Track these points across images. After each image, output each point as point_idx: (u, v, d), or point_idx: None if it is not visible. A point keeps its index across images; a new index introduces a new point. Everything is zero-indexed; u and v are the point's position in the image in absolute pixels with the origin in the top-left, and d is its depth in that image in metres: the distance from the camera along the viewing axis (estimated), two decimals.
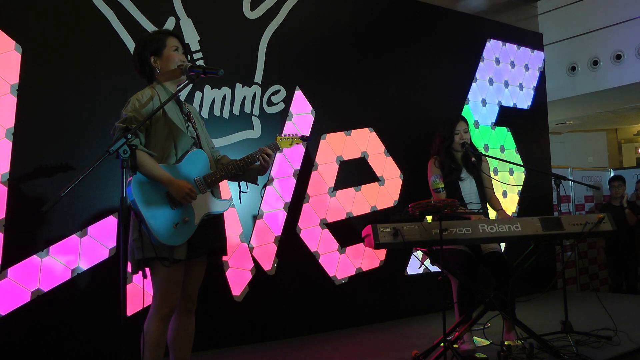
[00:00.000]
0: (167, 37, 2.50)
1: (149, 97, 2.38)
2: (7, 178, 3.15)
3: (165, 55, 2.47)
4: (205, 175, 2.44)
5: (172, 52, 2.48)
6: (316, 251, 4.31)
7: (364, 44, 4.77)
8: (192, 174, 2.41)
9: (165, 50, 2.47)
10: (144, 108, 2.34)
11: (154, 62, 2.48)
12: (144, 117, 2.27)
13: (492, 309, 3.19)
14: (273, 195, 4.14)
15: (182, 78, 2.50)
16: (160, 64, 2.48)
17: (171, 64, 2.47)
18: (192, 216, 2.36)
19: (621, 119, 9.45)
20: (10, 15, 3.23)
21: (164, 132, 2.38)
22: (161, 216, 2.28)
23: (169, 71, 2.48)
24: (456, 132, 3.59)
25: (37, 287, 3.18)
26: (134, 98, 2.38)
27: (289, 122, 4.25)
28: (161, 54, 2.47)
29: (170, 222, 2.29)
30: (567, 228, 3.19)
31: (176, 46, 2.50)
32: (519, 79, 5.99)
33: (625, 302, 5.03)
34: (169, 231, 2.28)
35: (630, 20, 6.45)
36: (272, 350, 3.73)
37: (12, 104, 3.20)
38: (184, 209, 2.35)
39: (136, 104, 2.34)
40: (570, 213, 6.80)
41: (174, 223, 2.30)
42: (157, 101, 2.38)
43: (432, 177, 3.45)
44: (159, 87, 2.47)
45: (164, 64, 2.48)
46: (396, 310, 4.68)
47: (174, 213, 2.32)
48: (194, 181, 2.40)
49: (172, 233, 2.29)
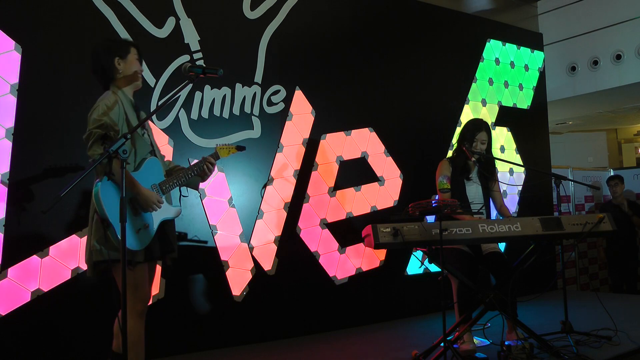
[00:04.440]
0: (132, 46, 2.65)
1: (115, 102, 2.48)
2: (7, 178, 3.15)
3: (129, 59, 2.60)
4: (161, 182, 2.58)
5: (134, 59, 2.62)
6: (316, 251, 4.31)
7: (364, 44, 4.77)
8: (150, 181, 2.52)
9: (130, 55, 2.60)
10: (111, 112, 2.42)
11: (118, 63, 2.57)
12: (113, 120, 2.40)
13: (492, 309, 3.19)
14: (273, 195, 4.14)
15: (139, 84, 2.65)
16: (123, 67, 2.58)
17: (133, 67, 2.60)
18: (152, 222, 2.49)
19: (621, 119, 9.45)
20: (10, 15, 3.23)
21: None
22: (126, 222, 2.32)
23: (129, 75, 2.59)
24: (475, 140, 3.59)
25: (37, 287, 3.18)
26: (102, 103, 2.45)
27: (289, 122, 4.25)
28: (126, 58, 2.59)
29: (133, 228, 2.41)
30: (567, 228, 3.19)
31: (137, 55, 2.64)
32: (518, 79, 6.00)
33: (625, 302, 5.03)
34: (133, 237, 2.39)
35: (630, 20, 6.44)
36: (272, 350, 3.73)
37: (12, 104, 3.20)
38: (145, 216, 2.47)
39: (105, 109, 2.42)
40: (570, 213, 6.80)
41: (136, 229, 2.42)
42: (120, 106, 2.49)
43: (440, 178, 3.46)
44: (119, 92, 2.57)
45: (126, 68, 2.58)
46: (396, 310, 4.68)
47: (136, 219, 2.44)
48: (152, 187, 2.53)
49: (135, 238, 2.40)
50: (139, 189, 2.42)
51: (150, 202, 2.44)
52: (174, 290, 3.65)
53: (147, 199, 2.43)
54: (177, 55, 3.78)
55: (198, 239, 3.79)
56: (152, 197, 2.45)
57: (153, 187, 2.53)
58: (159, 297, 3.57)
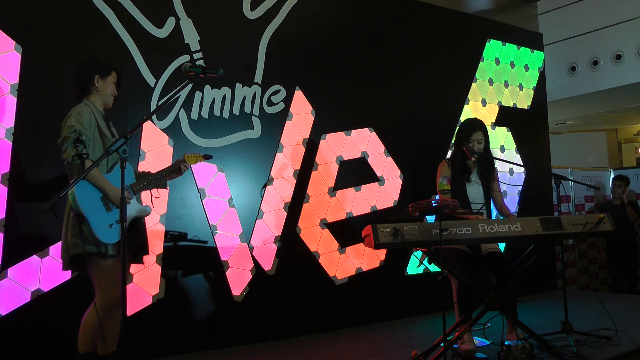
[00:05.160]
0: (114, 70, 2.88)
1: (87, 111, 2.70)
2: (7, 178, 3.15)
3: (108, 81, 2.84)
4: (132, 183, 2.77)
5: (112, 82, 2.86)
6: (316, 251, 4.31)
7: (364, 44, 4.77)
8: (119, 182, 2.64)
9: (109, 77, 2.84)
10: (84, 119, 2.65)
11: (97, 81, 2.80)
12: (87, 128, 2.64)
13: (492, 309, 3.19)
14: (273, 195, 4.14)
15: (109, 104, 2.87)
16: (100, 85, 2.81)
17: (108, 90, 2.83)
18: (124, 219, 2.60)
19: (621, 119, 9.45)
20: (10, 15, 3.23)
21: (98, 145, 2.71)
22: (98, 217, 2.60)
23: (103, 95, 2.83)
24: (470, 141, 3.58)
25: (37, 287, 3.19)
26: (75, 112, 2.68)
27: (289, 122, 4.25)
28: (105, 78, 2.83)
29: (105, 222, 2.61)
30: (567, 228, 3.19)
31: (116, 80, 2.89)
32: (519, 79, 6.00)
33: (625, 302, 5.03)
34: (105, 230, 2.61)
35: (630, 20, 6.44)
36: (272, 350, 3.73)
37: (12, 104, 3.20)
38: (116, 212, 2.65)
39: (78, 117, 2.65)
40: (570, 213, 6.80)
41: (109, 224, 2.62)
42: (92, 115, 2.71)
43: (440, 179, 3.46)
44: (91, 104, 2.78)
45: (103, 87, 2.82)
46: (396, 310, 4.68)
47: (108, 215, 2.63)
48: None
49: (108, 232, 2.61)
50: (108, 186, 2.63)
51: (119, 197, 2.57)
52: (174, 290, 3.65)
53: (117, 195, 2.59)
54: (177, 55, 3.78)
55: (198, 239, 3.79)
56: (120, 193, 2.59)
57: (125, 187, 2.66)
58: (159, 297, 3.57)
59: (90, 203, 2.59)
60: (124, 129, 3.43)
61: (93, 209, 2.60)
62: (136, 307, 3.47)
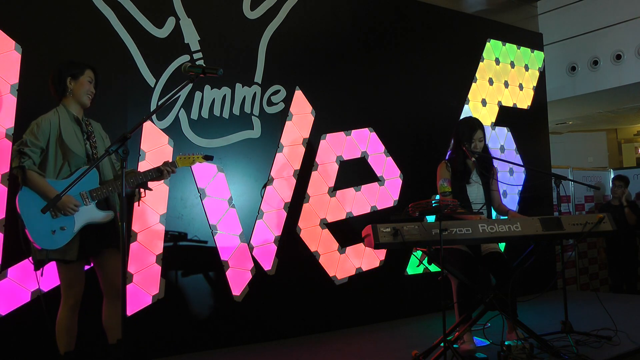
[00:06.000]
0: (87, 69, 2.88)
1: (47, 120, 2.75)
2: (7, 178, 3.15)
3: (81, 81, 2.85)
4: (92, 189, 2.77)
5: (86, 81, 2.86)
6: (316, 251, 4.31)
7: (364, 44, 4.77)
8: (80, 187, 2.70)
9: (82, 78, 2.85)
10: (40, 130, 2.70)
11: (69, 82, 2.83)
12: (39, 139, 2.68)
13: (492, 309, 3.19)
14: (273, 195, 4.14)
15: (86, 104, 2.88)
16: (73, 86, 2.84)
17: (82, 89, 2.84)
18: (72, 225, 2.69)
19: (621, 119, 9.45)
20: (10, 15, 3.23)
21: (59, 152, 2.74)
22: (40, 224, 2.62)
23: (77, 95, 2.85)
24: (472, 140, 3.58)
25: (37, 287, 3.18)
26: (34, 122, 2.75)
27: (289, 122, 4.25)
28: (77, 79, 2.84)
29: (48, 229, 2.64)
30: (567, 228, 3.19)
31: (91, 78, 2.89)
32: (519, 79, 5.99)
33: (625, 302, 5.03)
34: (46, 237, 2.63)
35: (630, 20, 6.44)
36: (272, 350, 3.73)
37: (12, 104, 3.20)
38: (63, 219, 2.68)
39: (34, 129, 2.71)
40: (570, 213, 6.80)
41: (51, 230, 2.64)
42: (55, 124, 2.75)
43: (440, 181, 3.46)
44: (62, 109, 2.83)
45: (76, 88, 2.84)
46: (396, 310, 4.68)
47: (53, 222, 2.65)
48: (79, 194, 2.73)
49: (49, 238, 2.63)
50: (51, 194, 2.62)
51: (65, 206, 2.65)
52: (174, 290, 3.65)
53: (63, 203, 2.63)
54: (177, 55, 3.78)
55: (198, 239, 3.79)
56: (67, 202, 2.65)
57: (82, 193, 2.73)
58: (159, 297, 3.57)
59: (31, 209, 2.62)
60: (124, 129, 3.43)
61: (35, 215, 2.62)
62: (136, 307, 3.47)
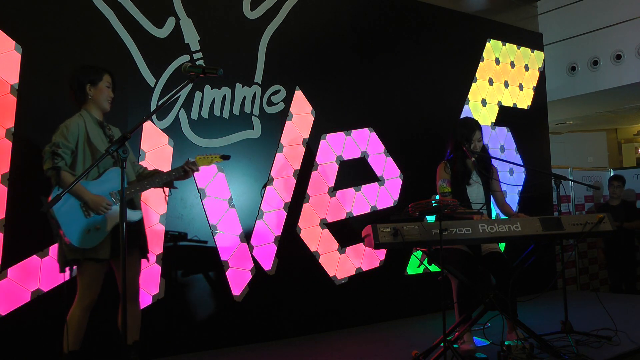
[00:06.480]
0: (105, 73, 2.91)
1: (75, 124, 2.78)
2: (7, 178, 3.15)
3: (100, 87, 2.88)
4: (118, 190, 2.75)
5: (105, 87, 2.89)
6: (316, 251, 4.31)
7: (364, 44, 4.77)
8: (109, 187, 2.78)
9: (101, 84, 2.88)
10: (69, 133, 2.74)
11: (89, 89, 2.86)
12: (69, 141, 2.73)
13: (492, 309, 3.19)
14: (273, 195, 4.14)
15: (106, 108, 2.92)
16: (93, 93, 2.87)
17: (102, 96, 2.88)
18: (105, 224, 2.74)
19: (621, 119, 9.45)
20: (10, 15, 3.23)
21: (88, 153, 2.79)
22: (74, 224, 2.68)
23: (98, 100, 2.88)
24: (472, 141, 3.59)
25: (37, 287, 3.18)
26: (63, 125, 2.78)
27: (289, 122, 4.25)
28: (97, 85, 2.87)
29: (82, 228, 2.69)
30: (567, 228, 3.19)
31: (109, 83, 2.92)
32: (519, 79, 5.99)
33: (625, 302, 5.03)
34: (81, 236, 2.68)
35: (630, 20, 6.44)
36: (272, 350, 3.73)
37: (12, 104, 3.20)
38: (96, 218, 2.73)
39: (64, 131, 2.75)
40: (570, 213, 6.80)
41: (86, 230, 2.69)
42: (82, 127, 2.79)
43: (440, 182, 3.45)
44: (86, 113, 2.86)
45: (96, 94, 2.87)
46: (396, 310, 4.68)
47: (87, 221, 2.70)
48: (109, 194, 2.78)
49: (84, 238, 2.68)
50: (84, 194, 2.69)
51: (98, 205, 2.71)
52: (174, 290, 3.65)
53: (95, 203, 2.70)
54: (177, 55, 3.78)
55: (198, 239, 3.79)
56: (99, 201, 2.71)
57: (111, 193, 2.78)
58: (159, 297, 3.57)
59: (66, 210, 2.68)
60: (124, 129, 3.43)
61: (69, 215, 2.68)
62: None
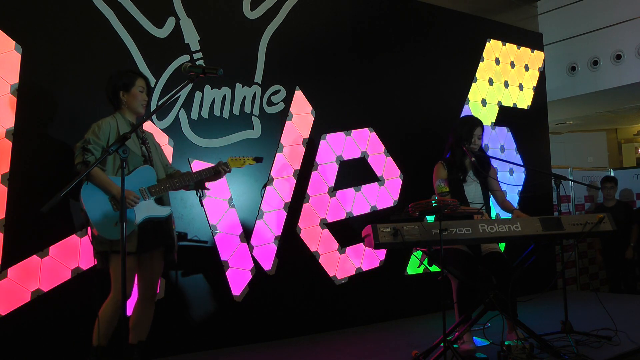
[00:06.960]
0: (137, 78, 2.97)
1: (107, 123, 2.87)
2: (7, 178, 3.15)
3: (133, 92, 2.94)
4: (150, 186, 2.90)
5: (138, 92, 2.95)
6: (316, 251, 4.31)
7: (364, 44, 4.77)
8: (139, 184, 2.87)
9: (133, 89, 2.94)
10: (100, 131, 2.83)
11: (122, 95, 2.93)
12: (100, 139, 2.81)
13: (492, 309, 3.19)
14: (273, 195, 4.14)
15: (141, 112, 2.99)
16: (126, 98, 2.94)
17: (135, 101, 2.95)
18: (132, 217, 2.82)
19: (621, 119, 9.45)
20: (10, 15, 3.23)
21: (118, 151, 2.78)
22: (103, 216, 2.77)
23: (132, 106, 2.96)
24: (472, 136, 3.58)
25: (37, 287, 3.18)
26: (95, 124, 2.87)
27: (289, 122, 4.25)
28: (129, 91, 2.93)
29: (110, 221, 2.76)
30: (567, 228, 3.19)
31: (142, 87, 2.97)
32: (519, 79, 6.00)
33: (625, 302, 5.03)
34: (109, 228, 2.75)
35: (630, 20, 6.44)
36: (272, 350, 3.73)
37: (12, 104, 3.20)
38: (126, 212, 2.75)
39: (95, 129, 2.84)
40: (570, 213, 6.80)
41: (114, 222, 2.76)
42: (114, 127, 2.88)
43: (437, 181, 3.45)
44: (119, 115, 2.95)
45: (129, 99, 2.94)
46: (396, 310, 4.68)
47: (115, 214, 2.78)
48: (139, 190, 2.86)
49: (111, 229, 2.75)
50: (112, 188, 2.77)
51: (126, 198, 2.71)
52: (174, 290, 3.65)
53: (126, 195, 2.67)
54: (177, 55, 3.78)
55: (198, 239, 3.79)
56: (127, 194, 2.73)
57: (141, 190, 2.86)
58: (159, 297, 3.57)
59: (95, 203, 2.76)
60: None
61: (98, 208, 2.76)
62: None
